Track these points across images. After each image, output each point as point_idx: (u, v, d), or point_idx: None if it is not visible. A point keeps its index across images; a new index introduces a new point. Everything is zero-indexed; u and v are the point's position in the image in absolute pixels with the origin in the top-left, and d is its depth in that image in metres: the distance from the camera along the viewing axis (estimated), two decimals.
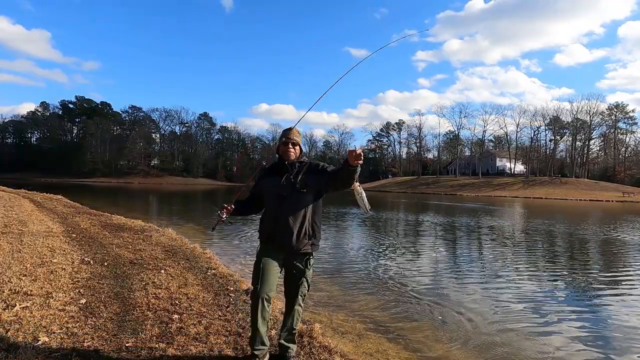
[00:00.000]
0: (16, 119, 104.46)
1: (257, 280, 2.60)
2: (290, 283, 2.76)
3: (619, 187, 58.79)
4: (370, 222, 17.29)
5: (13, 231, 7.96)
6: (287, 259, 2.69)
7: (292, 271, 2.72)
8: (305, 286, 2.76)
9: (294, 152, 2.75)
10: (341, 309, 5.00)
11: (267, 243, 2.71)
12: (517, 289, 6.44)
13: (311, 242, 2.70)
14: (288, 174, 2.71)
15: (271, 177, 2.78)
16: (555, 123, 77.52)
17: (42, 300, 3.81)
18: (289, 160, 2.74)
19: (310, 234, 2.70)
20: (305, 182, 2.68)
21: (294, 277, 2.73)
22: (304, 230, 2.66)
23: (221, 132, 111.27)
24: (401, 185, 76.04)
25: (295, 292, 2.75)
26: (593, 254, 10.66)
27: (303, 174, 2.72)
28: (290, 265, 2.71)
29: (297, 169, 2.74)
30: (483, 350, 3.95)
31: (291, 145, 2.74)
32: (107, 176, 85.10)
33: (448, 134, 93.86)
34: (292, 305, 2.77)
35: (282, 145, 2.75)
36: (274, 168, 2.83)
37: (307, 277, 2.74)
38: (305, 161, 2.80)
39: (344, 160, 2.42)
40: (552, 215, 23.77)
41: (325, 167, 2.76)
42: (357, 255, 9.18)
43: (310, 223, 2.71)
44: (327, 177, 2.66)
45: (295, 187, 2.67)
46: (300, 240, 2.65)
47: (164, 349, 2.96)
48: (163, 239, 8.31)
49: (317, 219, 2.76)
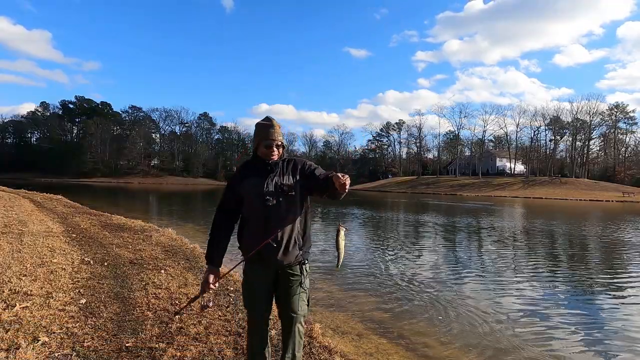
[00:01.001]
0: (16, 119, 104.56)
1: (253, 310, 2.32)
2: (285, 300, 2.30)
3: (619, 187, 58.76)
4: (370, 222, 17.30)
5: (13, 231, 7.96)
6: (278, 274, 2.30)
7: (287, 285, 2.29)
8: (305, 299, 2.33)
9: (277, 154, 2.33)
10: (341, 309, 5.00)
11: (254, 261, 2.27)
12: (517, 289, 6.44)
13: (302, 251, 2.31)
14: (272, 175, 2.29)
15: (252, 178, 2.30)
16: (555, 123, 77.49)
17: (42, 300, 3.81)
18: (271, 161, 2.32)
19: (301, 244, 2.31)
20: (293, 184, 2.29)
21: (288, 291, 2.29)
22: (293, 241, 2.27)
23: (221, 132, 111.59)
24: (401, 185, 76.00)
25: (293, 308, 2.29)
26: (593, 254, 10.65)
27: (289, 175, 2.32)
28: (283, 279, 2.29)
29: (280, 168, 2.33)
30: (483, 351, 3.94)
31: (275, 148, 2.32)
32: (107, 176, 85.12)
33: (448, 134, 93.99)
34: (290, 326, 2.30)
35: (264, 148, 2.31)
36: (252, 167, 2.36)
37: (304, 288, 2.32)
38: (288, 158, 2.40)
39: (330, 180, 2.10)
40: (552, 215, 23.76)
41: (313, 168, 2.36)
42: (357, 255, 9.18)
43: (300, 231, 2.31)
44: (316, 184, 2.27)
45: (283, 189, 2.25)
46: (290, 252, 2.26)
47: (164, 349, 2.96)
48: (163, 239, 8.31)
49: (306, 226, 2.37)
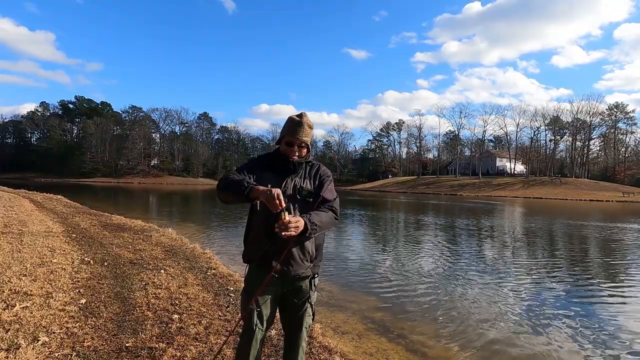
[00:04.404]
0: (16, 119, 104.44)
1: (252, 321, 1.99)
2: (291, 314, 2.13)
3: (619, 187, 58.71)
4: (370, 223, 17.30)
5: (13, 231, 7.96)
6: (285, 285, 2.07)
7: (293, 299, 2.10)
8: (310, 314, 2.15)
9: (299, 155, 2.11)
10: (341, 309, 5.00)
11: (260, 267, 2.02)
12: (518, 289, 6.44)
13: (312, 264, 2.09)
14: (293, 176, 2.08)
15: (270, 174, 2.06)
16: (555, 123, 77.49)
17: (42, 300, 3.81)
18: (293, 160, 2.09)
19: (313, 256, 2.08)
20: (313, 190, 2.08)
21: (295, 305, 2.11)
22: (305, 251, 2.04)
23: (221, 132, 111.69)
24: (401, 185, 75.96)
25: (298, 324, 2.12)
26: (593, 254, 10.65)
27: (310, 179, 2.11)
28: (290, 291, 2.09)
29: (303, 170, 2.12)
30: (483, 351, 3.95)
31: (297, 148, 2.09)
32: (107, 176, 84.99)
33: (448, 134, 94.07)
34: (294, 342, 2.15)
35: (285, 145, 2.09)
36: (272, 162, 2.13)
37: (311, 303, 2.14)
38: (313, 163, 2.18)
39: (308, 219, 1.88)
40: (552, 215, 23.76)
41: (323, 181, 2.14)
42: (357, 255, 9.18)
43: (314, 241, 2.07)
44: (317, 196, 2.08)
45: (302, 194, 2.03)
46: (300, 264, 2.03)
47: (164, 349, 2.96)
48: (163, 239, 8.31)
49: (320, 236, 2.11)
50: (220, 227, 13.62)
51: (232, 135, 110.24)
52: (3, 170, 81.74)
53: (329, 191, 2.11)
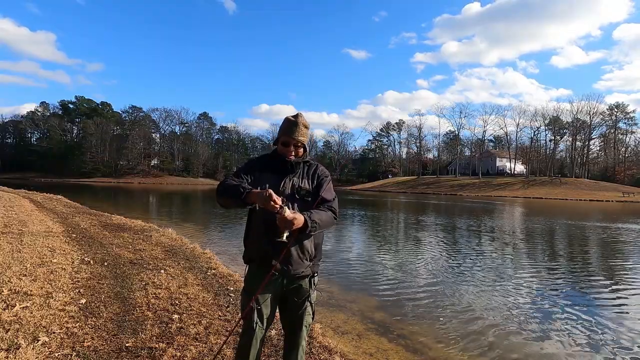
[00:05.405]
0: (16, 119, 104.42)
1: (252, 319, 2.01)
2: (291, 313, 2.15)
3: (619, 187, 58.69)
4: (370, 223, 17.30)
5: (13, 231, 7.96)
6: (285, 285, 2.09)
7: (293, 298, 2.12)
8: (310, 313, 2.17)
9: (295, 154, 2.16)
10: (341, 309, 5.00)
11: (260, 267, 2.04)
12: (518, 289, 6.44)
13: (312, 263, 2.13)
14: (291, 176, 2.12)
15: (269, 174, 2.11)
16: (555, 123, 77.48)
17: (42, 300, 3.81)
18: (290, 159, 2.14)
19: (312, 254, 2.12)
20: (311, 189, 2.12)
21: (294, 304, 2.13)
22: (304, 250, 2.07)
23: (221, 132, 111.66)
24: (401, 185, 75.94)
25: (298, 323, 2.14)
26: (593, 254, 10.65)
27: (308, 179, 2.16)
28: (290, 290, 2.11)
29: (301, 169, 2.16)
30: (483, 351, 3.95)
31: (293, 147, 2.14)
32: (107, 176, 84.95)
33: (448, 134, 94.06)
34: (294, 341, 2.17)
35: (282, 145, 2.15)
36: (270, 163, 2.17)
37: (311, 302, 2.17)
38: (311, 162, 2.23)
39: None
40: (552, 215, 23.75)
41: (322, 180, 2.18)
42: (357, 255, 9.18)
43: (313, 240, 2.11)
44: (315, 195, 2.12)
45: (300, 193, 2.08)
46: (300, 263, 2.06)
47: (164, 349, 2.96)
48: (163, 239, 8.31)
49: (319, 235, 2.15)
50: (220, 227, 13.62)
51: (232, 135, 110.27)
52: (3, 170, 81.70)
53: (328, 191, 2.14)
